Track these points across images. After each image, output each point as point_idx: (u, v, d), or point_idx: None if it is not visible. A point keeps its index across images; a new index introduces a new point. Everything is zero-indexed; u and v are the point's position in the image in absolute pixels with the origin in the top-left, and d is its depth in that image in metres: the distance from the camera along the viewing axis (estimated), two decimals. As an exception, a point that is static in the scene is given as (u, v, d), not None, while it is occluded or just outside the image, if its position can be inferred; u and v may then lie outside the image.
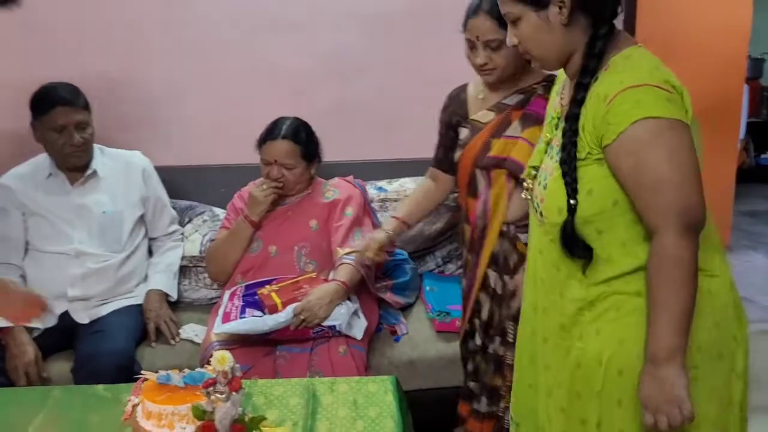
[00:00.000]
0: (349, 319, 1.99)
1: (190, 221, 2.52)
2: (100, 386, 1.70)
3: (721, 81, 4.10)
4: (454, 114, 1.89)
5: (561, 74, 1.43)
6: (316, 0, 2.60)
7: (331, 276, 2.10)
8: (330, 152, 2.36)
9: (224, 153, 2.69)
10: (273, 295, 2.01)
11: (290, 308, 1.95)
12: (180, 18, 2.64)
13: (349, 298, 2.06)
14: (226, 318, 1.98)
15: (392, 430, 1.48)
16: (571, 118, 1.27)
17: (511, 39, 1.34)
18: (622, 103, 1.19)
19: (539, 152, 1.43)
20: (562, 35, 1.28)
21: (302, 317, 1.94)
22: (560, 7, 1.25)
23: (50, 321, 2.09)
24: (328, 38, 2.61)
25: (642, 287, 1.25)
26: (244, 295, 2.07)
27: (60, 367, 2.04)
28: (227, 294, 2.13)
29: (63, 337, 2.10)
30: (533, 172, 1.42)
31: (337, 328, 1.97)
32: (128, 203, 2.27)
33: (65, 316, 2.12)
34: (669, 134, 1.18)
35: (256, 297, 2.04)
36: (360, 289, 2.15)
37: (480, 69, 1.74)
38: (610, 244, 1.27)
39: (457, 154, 1.85)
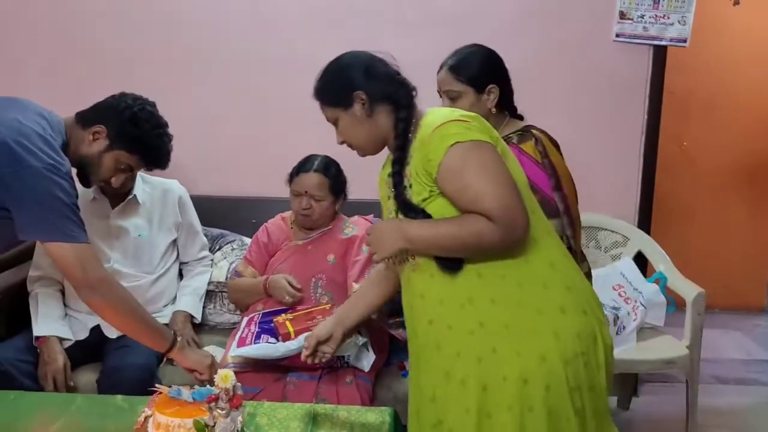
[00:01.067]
0: (358, 351, 2.08)
1: (219, 249, 2.67)
2: (119, 397, 1.82)
3: (764, 140, 4.10)
4: None
5: (387, 162, 1.63)
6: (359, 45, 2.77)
7: (344, 309, 2.20)
8: (355, 191, 2.48)
9: (256, 185, 2.86)
10: (287, 323, 2.11)
11: (302, 337, 2.03)
12: (220, 52, 2.84)
13: (359, 332, 2.14)
14: (242, 342, 2.09)
15: (383, 458, 1.55)
16: (396, 174, 1.51)
17: (338, 137, 1.61)
18: (433, 140, 1.44)
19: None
20: (370, 125, 1.55)
21: (312, 346, 2.03)
22: (363, 104, 1.53)
23: (81, 334, 2.25)
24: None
25: (521, 297, 1.45)
26: (260, 322, 2.18)
27: (87, 377, 2.19)
28: (245, 320, 2.24)
29: (92, 349, 2.24)
30: None
31: (346, 359, 2.06)
32: (163, 228, 2.43)
33: (96, 330, 2.26)
34: (475, 153, 1.43)
35: (272, 324, 2.15)
36: (372, 323, 2.23)
37: None
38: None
39: None
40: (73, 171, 1.80)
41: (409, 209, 1.49)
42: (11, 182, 1.59)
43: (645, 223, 2.93)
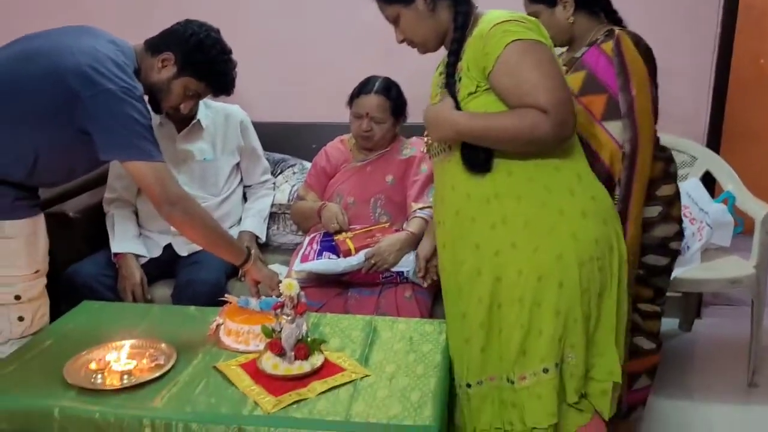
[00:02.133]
0: (416, 267, 2.13)
1: (281, 172, 2.74)
2: (192, 307, 1.95)
3: None
4: None
5: (443, 58, 1.67)
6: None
7: (404, 227, 2.25)
8: (414, 113, 2.48)
9: (315, 111, 2.89)
10: (348, 241, 2.18)
11: (362, 253, 2.11)
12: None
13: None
14: (305, 259, 2.17)
15: (439, 363, 1.61)
16: (450, 66, 1.56)
17: (398, 36, 1.64)
18: (494, 35, 1.47)
19: None
20: (432, 20, 1.59)
21: (373, 261, 2.10)
22: None
23: (155, 252, 2.38)
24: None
25: (547, 199, 1.51)
26: (321, 241, 2.25)
27: (162, 292, 2.33)
28: (307, 239, 2.32)
29: (165, 266, 2.38)
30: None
31: (405, 275, 2.12)
32: (226, 152, 2.51)
33: (168, 249, 2.39)
34: (534, 51, 1.47)
35: (333, 242, 2.21)
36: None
37: None
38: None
39: None
40: (145, 97, 1.86)
41: (452, 93, 1.54)
42: (90, 106, 1.65)
43: (714, 143, 2.83)
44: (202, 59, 1.87)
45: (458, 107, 1.54)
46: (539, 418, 1.52)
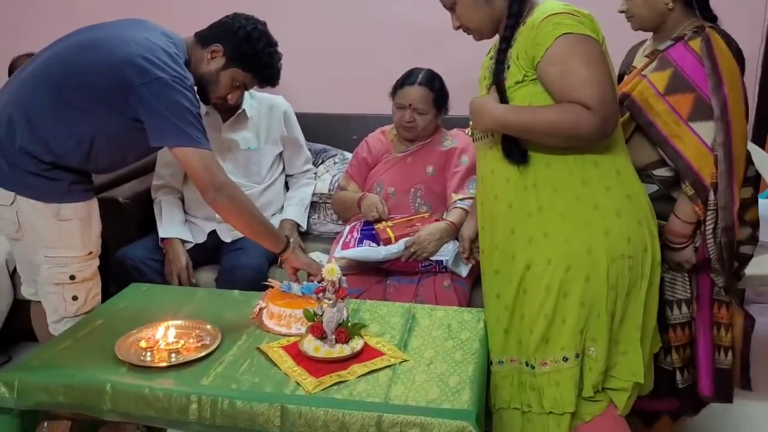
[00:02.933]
0: (455, 257, 2.15)
1: (322, 162, 2.79)
2: (236, 291, 2.00)
3: None
4: (626, 64, 1.95)
5: (494, 43, 1.68)
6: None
7: (443, 217, 2.27)
8: (455, 106, 2.49)
9: (356, 103, 2.92)
10: (388, 229, 2.21)
11: (402, 242, 2.15)
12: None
13: (457, 239, 2.21)
14: (345, 246, 2.22)
15: (477, 351, 1.62)
16: (501, 52, 1.56)
17: (454, 23, 1.65)
18: (545, 26, 1.47)
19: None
20: (487, 6, 1.58)
21: (412, 250, 2.13)
22: None
23: (200, 238, 2.45)
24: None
25: (583, 193, 1.53)
26: (362, 229, 2.29)
27: (206, 276, 2.40)
28: (348, 227, 2.36)
29: (210, 252, 2.45)
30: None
31: (444, 264, 2.15)
32: (269, 141, 2.56)
33: (213, 235, 2.46)
34: (584, 46, 1.46)
35: (373, 231, 2.25)
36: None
37: (626, 16, 1.84)
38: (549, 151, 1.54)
39: None
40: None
41: (499, 90, 1.56)
42: (143, 94, 1.71)
43: (760, 138, 2.77)
44: (250, 51, 1.92)
45: (505, 95, 1.55)
46: (556, 404, 1.55)
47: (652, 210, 1.63)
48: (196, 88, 1.89)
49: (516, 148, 1.55)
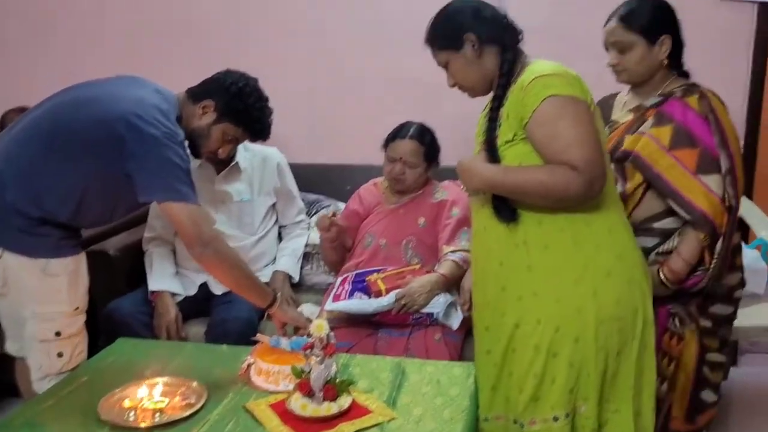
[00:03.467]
0: (446, 309, 2.14)
1: (316, 213, 2.80)
2: (224, 346, 1.98)
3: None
4: (602, 119, 1.86)
5: (490, 98, 1.69)
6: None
7: (435, 269, 2.26)
8: (448, 157, 2.51)
9: (350, 153, 2.95)
10: (379, 281, 2.20)
11: (393, 294, 2.14)
12: (317, 26, 2.94)
13: (449, 291, 2.20)
14: (336, 298, 2.21)
15: (467, 408, 1.60)
16: (493, 111, 1.59)
17: (449, 80, 1.68)
18: (533, 88, 1.50)
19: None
20: (479, 66, 1.62)
21: (403, 302, 2.12)
22: (473, 45, 1.60)
23: (191, 290, 2.44)
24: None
25: (573, 252, 1.53)
26: (353, 281, 2.28)
27: (196, 329, 2.38)
28: (339, 279, 2.35)
29: (200, 305, 2.43)
30: None
31: (435, 316, 2.13)
32: (263, 193, 2.57)
33: (204, 287, 2.45)
34: (571, 107, 1.49)
35: (365, 283, 2.24)
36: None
37: (612, 69, 1.86)
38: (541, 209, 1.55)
39: None
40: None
41: (490, 148, 1.59)
42: (134, 149, 1.73)
43: (747, 187, 2.80)
44: (241, 106, 1.95)
45: (496, 153, 1.58)
46: None
47: (644, 267, 1.64)
48: (187, 142, 1.91)
49: (505, 207, 1.57)
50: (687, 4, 2.65)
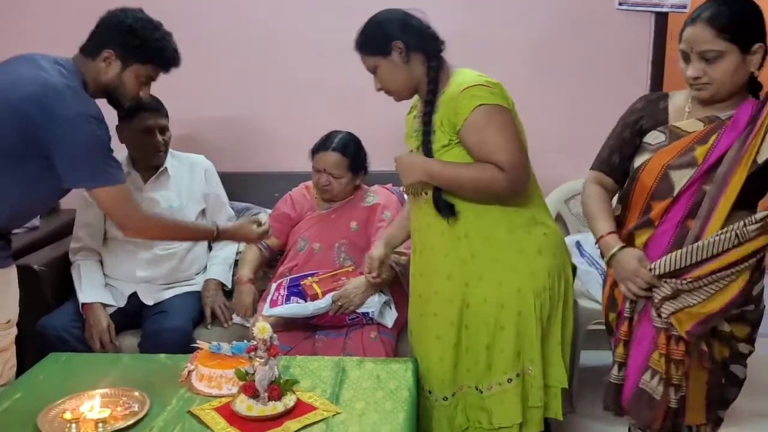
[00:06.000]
0: (381, 308, 2.21)
1: (245, 221, 2.80)
2: (162, 355, 1.97)
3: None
4: (647, 119, 1.73)
5: (414, 101, 1.90)
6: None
7: (367, 270, 2.33)
8: (377, 161, 2.58)
9: (278, 161, 2.98)
10: (314, 285, 2.25)
11: (329, 296, 2.19)
12: (243, 36, 2.95)
13: (382, 291, 2.27)
14: (273, 304, 2.23)
15: (407, 399, 1.68)
16: (426, 116, 1.76)
17: (376, 85, 1.83)
18: (462, 99, 1.70)
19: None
20: (406, 71, 1.79)
21: (339, 303, 2.18)
22: (400, 52, 1.76)
23: (120, 301, 2.40)
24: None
25: (509, 239, 1.78)
26: (288, 286, 2.31)
27: (129, 341, 2.34)
28: (274, 285, 2.38)
29: (132, 316, 2.39)
30: None
31: (370, 315, 2.20)
32: (192, 199, 2.56)
33: (134, 298, 2.42)
34: (497, 116, 1.70)
35: (300, 287, 2.28)
36: (395, 285, 2.36)
37: (693, 82, 1.60)
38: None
39: (644, 158, 1.69)
40: (103, 101, 1.89)
41: (427, 152, 1.77)
42: (50, 135, 1.67)
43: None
44: (138, 42, 1.86)
45: (433, 157, 1.76)
46: (504, 419, 1.83)
47: (562, 239, 1.91)
48: (105, 99, 1.88)
49: (445, 205, 1.75)
50: (585, 12, 2.89)
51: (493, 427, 1.84)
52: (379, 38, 1.78)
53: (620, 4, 2.87)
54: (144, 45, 1.87)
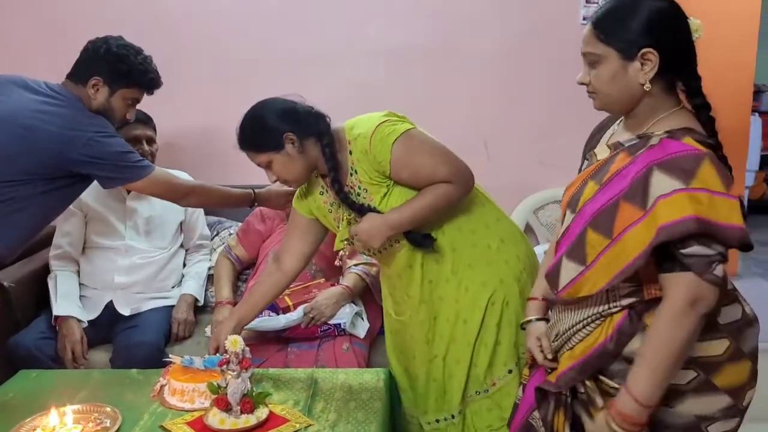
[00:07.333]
0: (352, 319, 2.24)
1: (217, 234, 2.82)
2: (134, 370, 1.97)
3: (727, 114, 4.22)
4: (589, 143, 1.54)
5: (299, 191, 1.93)
6: (345, 38, 2.89)
7: (339, 282, 2.36)
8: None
9: (251, 174, 2.98)
10: (286, 298, 2.27)
11: (301, 308, 2.21)
12: (222, 52, 2.97)
13: (353, 302, 2.30)
14: (245, 317, 2.24)
15: (379, 410, 1.71)
16: (340, 192, 1.76)
17: (271, 177, 1.80)
18: (376, 146, 1.71)
19: (344, 229, 1.85)
20: (303, 159, 1.76)
21: (311, 315, 2.20)
22: (292, 143, 1.73)
23: (95, 312, 2.40)
24: (356, 72, 2.87)
25: (475, 239, 1.82)
26: (261, 299, 2.32)
27: (100, 356, 2.33)
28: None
29: (104, 330, 2.39)
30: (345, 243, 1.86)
31: (342, 326, 2.22)
32: (171, 209, 2.56)
33: (108, 308, 2.41)
34: (413, 141, 1.72)
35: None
36: (366, 296, 2.40)
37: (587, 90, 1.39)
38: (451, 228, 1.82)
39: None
40: None
41: (367, 210, 1.77)
42: (79, 158, 1.89)
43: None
44: (125, 68, 2.00)
45: (370, 210, 1.76)
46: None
47: (513, 225, 1.97)
48: None
49: (421, 239, 1.77)
50: (551, 29, 2.94)
51: (505, 423, 1.77)
52: (268, 134, 1.73)
53: (584, 19, 2.95)
54: (130, 70, 2.01)
